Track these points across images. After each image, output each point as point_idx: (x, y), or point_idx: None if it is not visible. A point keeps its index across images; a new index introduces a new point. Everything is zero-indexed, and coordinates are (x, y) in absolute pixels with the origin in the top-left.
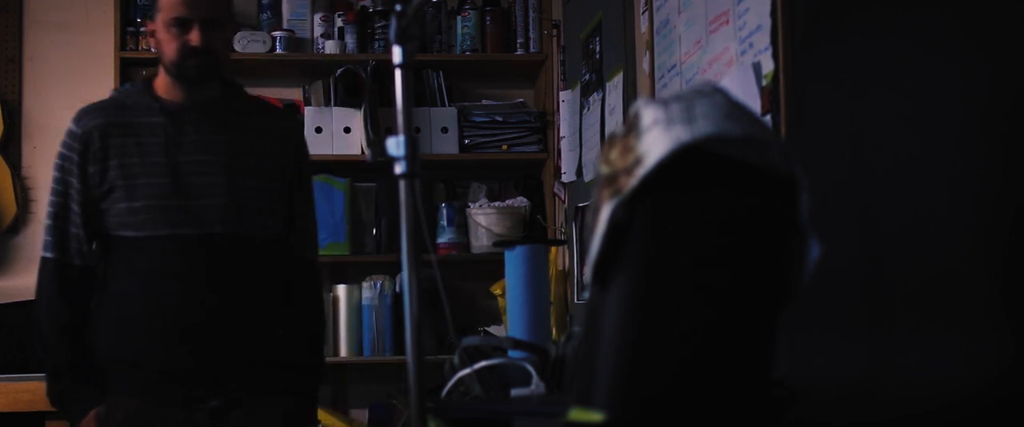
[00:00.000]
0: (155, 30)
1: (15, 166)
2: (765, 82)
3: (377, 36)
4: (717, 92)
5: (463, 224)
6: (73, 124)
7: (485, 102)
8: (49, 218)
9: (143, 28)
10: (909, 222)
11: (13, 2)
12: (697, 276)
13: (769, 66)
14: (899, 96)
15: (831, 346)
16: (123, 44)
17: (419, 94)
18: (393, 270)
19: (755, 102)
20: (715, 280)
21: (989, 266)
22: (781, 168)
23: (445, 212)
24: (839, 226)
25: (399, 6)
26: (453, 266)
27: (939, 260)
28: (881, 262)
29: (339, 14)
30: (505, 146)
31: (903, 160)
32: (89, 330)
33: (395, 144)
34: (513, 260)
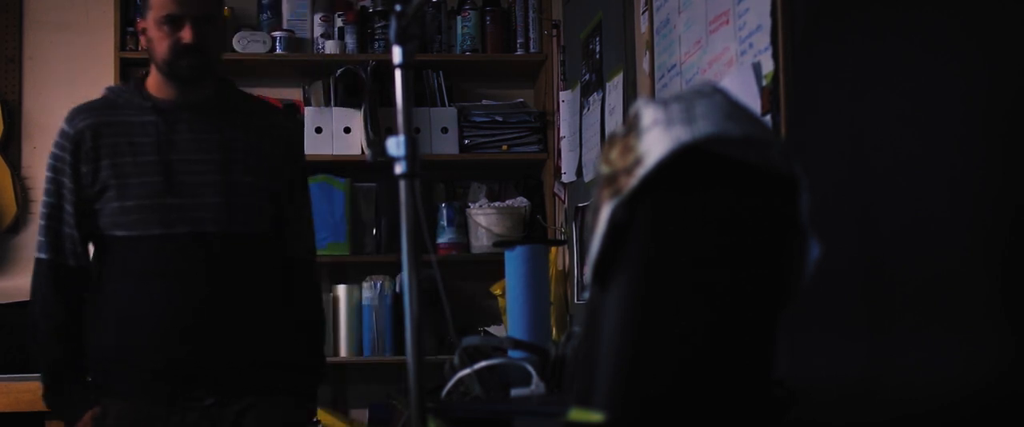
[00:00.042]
0: (146, 28)
1: (15, 166)
2: (765, 82)
3: (377, 36)
4: (717, 92)
5: (463, 224)
6: (65, 124)
7: (485, 102)
8: (43, 219)
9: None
10: (909, 222)
11: (13, 2)
12: (697, 276)
13: (769, 66)
14: (899, 96)
15: (831, 346)
16: (123, 44)
17: (419, 94)
18: (393, 270)
19: (755, 102)
20: (715, 280)
21: (989, 266)
22: (781, 168)
23: (445, 212)
24: (839, 226)
25: (399, 6)
26: (453, 266)
27: (939, 260)
28: (881, 262)
29: (339, 14)
30: (505, 146)
31: (903, 160)
32: (83, 330)
33: (395, 144)
34: (513, 260)
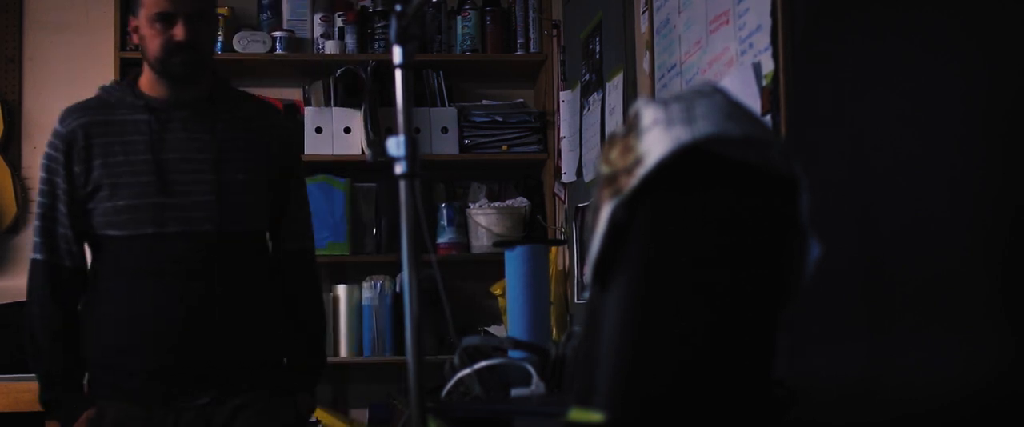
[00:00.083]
0: (138, 26)
1: (15, 166)
2: (765, 82)
3: (377, 36)
4: (717, 92)
5: (463, 224)
6: (58, 124)
7: (485, 102)
8: (37, 220)
9: None
10: (909, 222)
11: (13, 2)
12: (697, 276)
13: (769, 66)
14: (899, 96)
15: (831, 346)
16: (123, 44)
17: (419, 94)
18: (393, 270)
19: (755, 102)
20: (715, 280)
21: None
22: (781, 168)
23: (445, 212)
24: (839, 226)
25: (399, 6)
26: (453, 266)
27: (939, 260)
28: (881, 262)
29: (339, 14)
30: (505, 146)
31: (903, 160)
32: (79, 331)
33: (395, 144)
34: (513, 260)
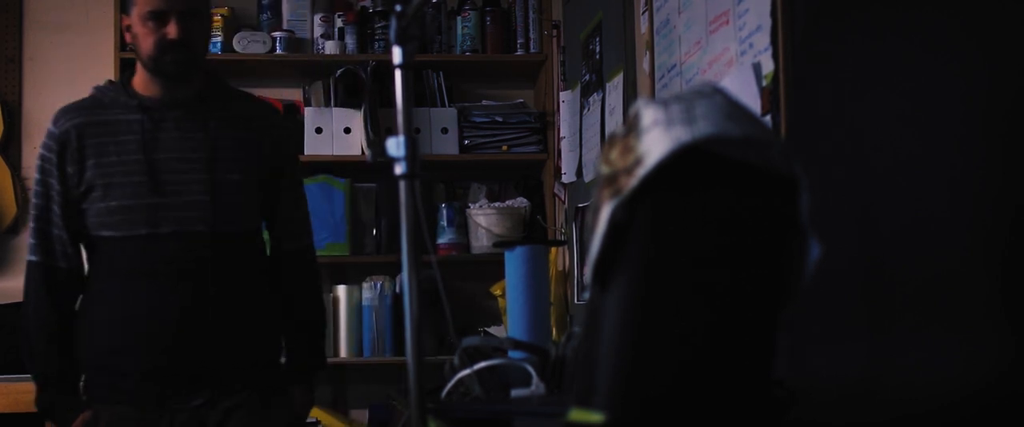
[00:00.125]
0: (131, 24)
1: (15, 166)
2: (765, 82)
3: (377, 36)
4: (717, 93)
5: (463, 225)
6: (51, 125)
7: (485, 102)
8: (33, 221)
9: None
10: (909, 222)
11: (13, 2)
12: (697, 276)
13: (769, 66)
14: (899, 96)
15: (831, 346)
16: (123, 44)
17: (419, 94)
18: (393, 270)
19: (755, 102)
20: (715, 280)
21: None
22: (781, 168)
23: (445, 213)
24: (839, 226)
25: (399, 6)
26: (453, 267)
27: (939, 260)
28: (881, 262)
29: (339, 14)
30: (505, 147)
31: (903, 160)
32: (75, 332)
33: (395, 145)
34: (513, 261)
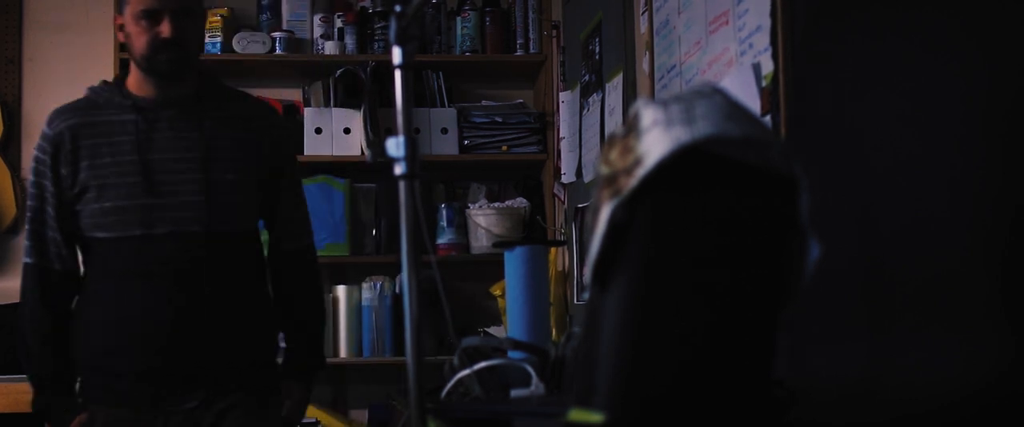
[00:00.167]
0: (124, 24)
1: (15, 167)
2: (765, 83)
3: (377, 37)
4: (717, 93)
5: (463, 225)
6: (46, 126)
7: (485, 103)
8: (28, 223)
9: None
10: (909, 222)
11: (13, 3)
12: (697, 276)
13: (769, 66)
14: (899, 96)
15: (831, 346)
16: (123, 45)
17: (419, 95)
18: (393, 271)
19: (755, 102)
20: (715, 280)
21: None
22: (781, 168)
23: (445, 213)
24: (839, 226)
25: (399, 7)
26: (453, 267)
27: (939, 260)
28: (881, 262)
29: (339, 15)
30: (505, 147)
31: (903, 160)
32: (70, 333)
33: (395, 145)
34: (513, 261)
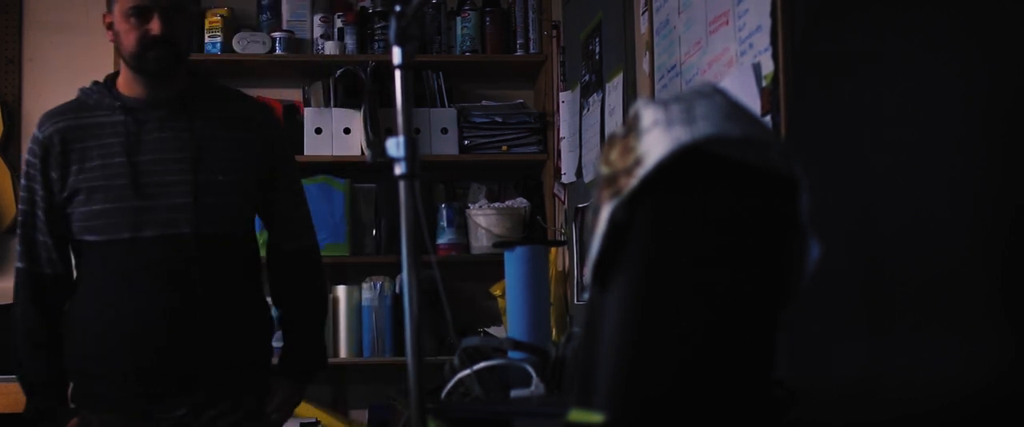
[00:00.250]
0: (113, 22)
1: (15, 167)
2: (765, 83)
3: (377, 37)
4: (717, 93)
5: (463, 225)
6: (36, 129)
7: (485, 103)
8: (19, 227)
9: None
10: (909, 222)
11: (13, 3)
12: (697, 276)
13: (769, 67)
14: (899, 96)
15: (831, 346)
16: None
17: (419, 95)
18: (393, 271)
19: (755, 103)
20: (715, 280)
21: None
22: (781, 168)
23: (445, 213)
24: (839, 226)
25: (399, 7)
26: (453, 267)
27: (939, 260)
28: (881, 262)
29: (339, 15)
30: (505, 147)
31: (903, 160)
32: (62, 338)
33: (395, 145)
34: (513, 261)
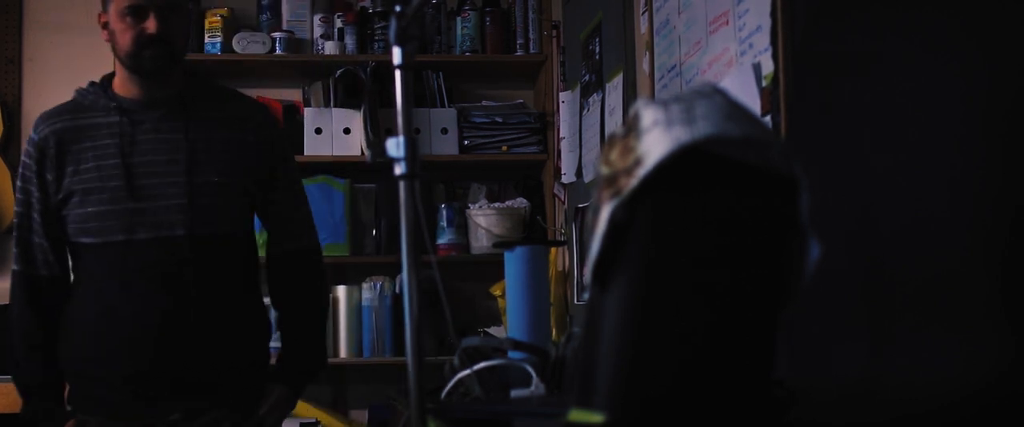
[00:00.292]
0: (108, 21)
1: (15, 167)
2: (765, 83)
3: (377, 37)
4: (717, 93)
5: (463, 225)
6: (32, 131)
7: (485, 103)
8: (15, 229)
9: None
10: (909, 222)
11: (13, 3)
12: (697, 276)
13: (769, 67)
14: (899, 96)
15: (831, 346)
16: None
17: (419, 95)
18: (393, 271)
19: (755, 103)
20: (715, 280)
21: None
22: (781, 168)
23: (445, 213)
24: (839, 226)
25: (399, 7)
26: (453, 267)
27: (939, 260)
28: (881, 262)
29: (339, 15)
30: (505, 147)
31: (903, 160)
32: (57, 341)
33: (395, 145)
34: (513, 261)
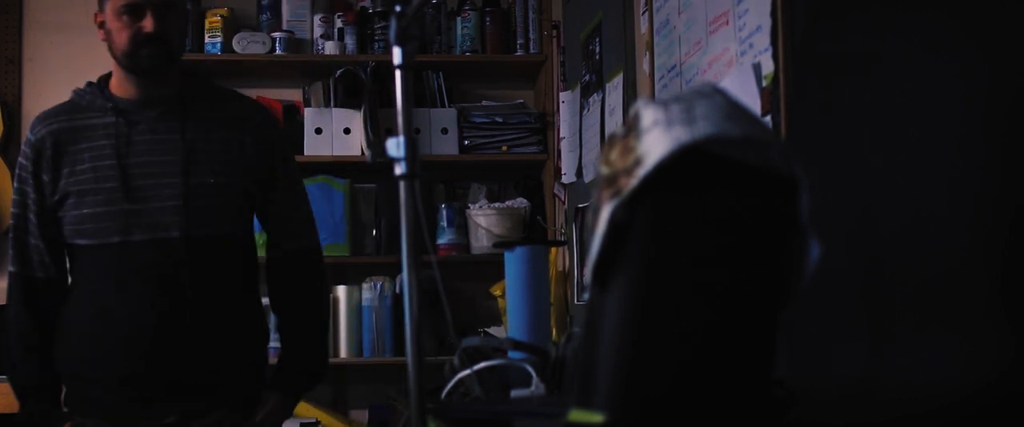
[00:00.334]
0: (104, 21)
1: (15, 168)
2: (765, 83)
3: (377, 37)
4: (717, 93)
5: (463, 225)
6: (29, 132)
7: (485, 103)
8: (11, 230)
9: None
10: (909, 222)
11: (13, 3)
12: (697, 276)
13: (769, 67)
14: (899, 96)
15: (831, 346)
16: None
17: (419, 95)
18: (393, 271)
19: (755, 103)
20: (715, 280)
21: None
22: (781, 168)
23: (445, 213)
24: (839, 226)
25: (399, 7)
26: (453, 267)
27: (939, 260)
28: (881, 262)
29: (339, 15)
30: (505, 147)
31: (903, 160)
32: (54, 342)
33: (395, 145)
34: (513, 261)
